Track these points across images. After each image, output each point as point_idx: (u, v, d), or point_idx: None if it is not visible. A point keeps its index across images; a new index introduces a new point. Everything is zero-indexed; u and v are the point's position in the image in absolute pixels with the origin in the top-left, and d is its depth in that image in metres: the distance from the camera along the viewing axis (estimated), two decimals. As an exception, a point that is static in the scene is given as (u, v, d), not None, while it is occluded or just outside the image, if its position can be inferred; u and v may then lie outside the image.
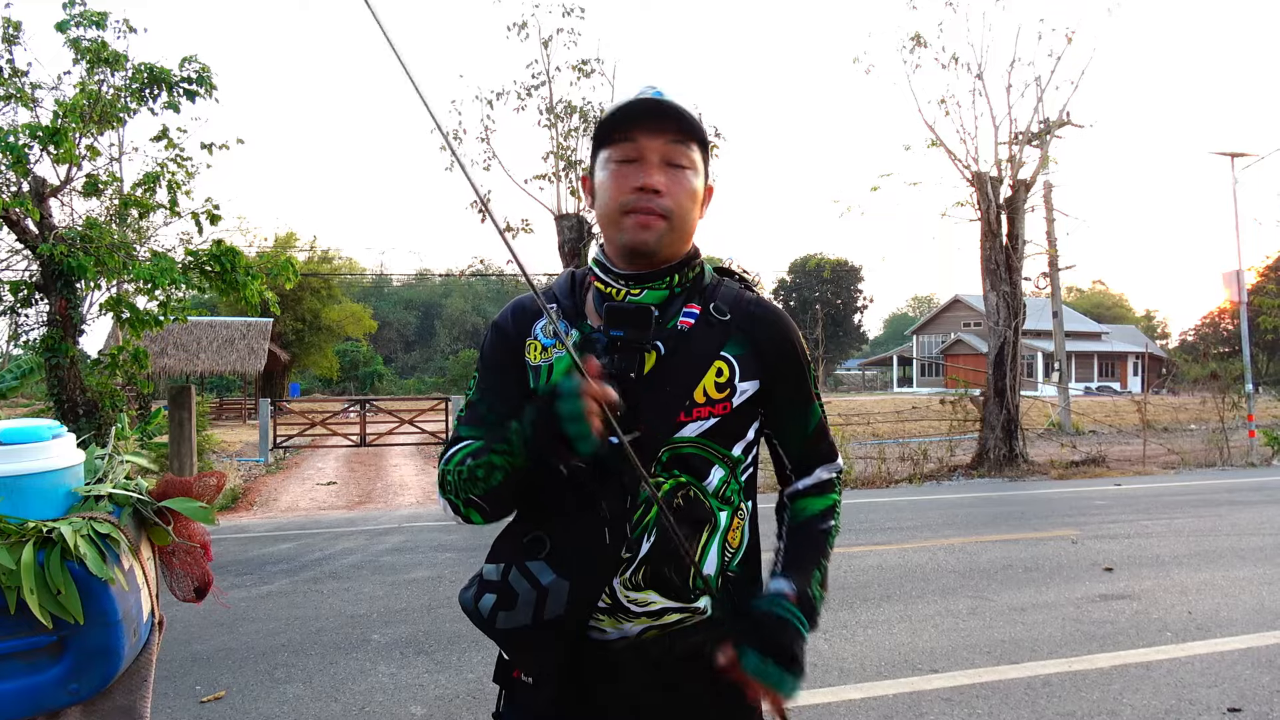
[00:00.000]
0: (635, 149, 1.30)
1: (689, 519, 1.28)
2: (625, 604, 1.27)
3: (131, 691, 1.44)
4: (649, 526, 1.27)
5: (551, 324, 1.28)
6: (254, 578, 6.46)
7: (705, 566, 1.29)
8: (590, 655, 1.29)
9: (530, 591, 1.23)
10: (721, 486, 1.33)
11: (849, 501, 10.24)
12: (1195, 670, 4.12)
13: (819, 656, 4.39)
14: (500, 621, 1.25)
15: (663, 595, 1.28)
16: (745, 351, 1.35)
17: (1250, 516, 8.57)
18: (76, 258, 9.02)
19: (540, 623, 1.22)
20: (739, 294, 1.40)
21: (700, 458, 1.31)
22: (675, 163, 1.32)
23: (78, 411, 9.61)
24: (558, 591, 1.23)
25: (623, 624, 1.28)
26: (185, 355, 27.82)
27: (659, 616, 1.28)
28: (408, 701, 3.89)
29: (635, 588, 1.27)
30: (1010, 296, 13.89)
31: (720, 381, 1.32)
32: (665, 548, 1.26)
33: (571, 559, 1.25)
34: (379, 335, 56.18)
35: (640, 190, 1.29)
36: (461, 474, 1.27)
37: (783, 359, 1.38)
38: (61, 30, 9.78)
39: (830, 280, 65.98)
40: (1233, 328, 43.69)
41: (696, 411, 1.30)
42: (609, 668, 1.29)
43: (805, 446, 1.43)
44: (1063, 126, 16.06)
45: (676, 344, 1.32)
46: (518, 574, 1.25)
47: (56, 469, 1.37)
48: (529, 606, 1.23)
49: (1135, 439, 17.21)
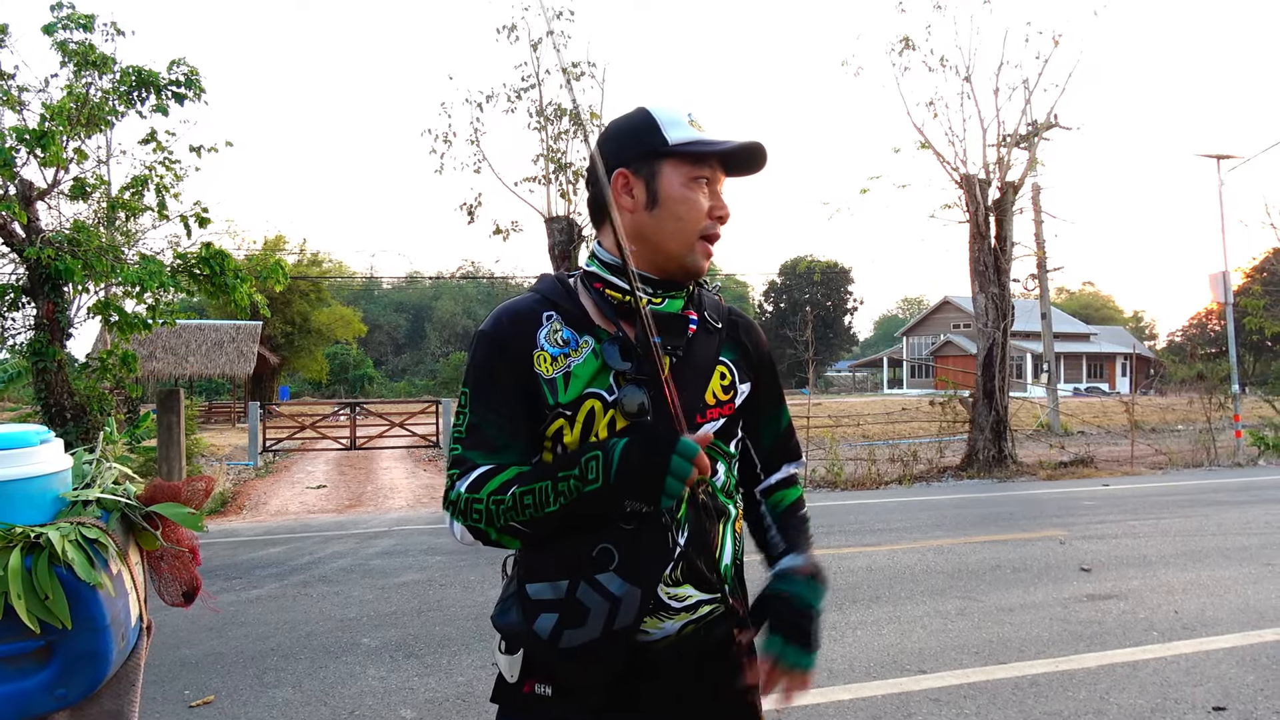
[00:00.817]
0: (710, 172, 1.36)
1: (711, 512, 1.35)
2: (666, 601, 1.30)
3: (119, 696, 1.44)
4: (682, 523, 1.31)
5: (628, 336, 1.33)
6: (243, 582, 6.44)
7: (725, 557, 1.37)
8: (632, 658, 1.29)
9: (603, 604, 1.23)
10: (727, 482, 1.41)
11: (839, 503, 10.27)
12: (1181, 669, 4.16)
13: (808, 658, 4.40)
14: (566, 640, 1.24)
15: (697, 588, 1.32)
16: (737, 356, 1.45)
17: (1236, 516, 8.63)
18: (64, 261, 8.97)
19: (610, 634, 1.23)
20: (716, 302, 1.49)
21: (711, 457, 1.36)
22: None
23: (65, 416, 9.56)
24: (630, 601, 1.24)
25: (664, 622, 1.30)
26: (174, 358, 27.69)
27: (695, 610, 1.32)
28: (398, 705, 3.89)
29: (675, 584, 1.30)
30: (999, 298, 13.96)
31: (724, 384, 1.41)
32: (696, 541, 1.32)
33: (639, 567, 1.26)
34: (369, 338, 56.00)
35: (719, 219, 1.37)
36: (503, 503, 1.23)
37: (763, 361, 1.50)
38: (48, 33, 9.73)
39: (820, 282, 66.14)
40: (1219, 329, 43.96)
41: (709, 413, 1.38)
42: (650, 668, 1.31)
43: (777, 443, 1.53)
44: (1050, 129, 16.11)
45: (687, 349, 1.38)
46: (587, 588, 1.24)
47: (44, 474, 1.37)
48: (601, 619, 1.23)
49: (1123, 440, 17.30)
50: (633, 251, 1.34)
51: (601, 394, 1.30)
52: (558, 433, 1.32)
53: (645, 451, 1.17)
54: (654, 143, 1.33)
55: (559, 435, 1.32)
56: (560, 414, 1.31)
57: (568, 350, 1.33)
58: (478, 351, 1.36)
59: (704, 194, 1.34)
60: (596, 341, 1.33)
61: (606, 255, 1.38)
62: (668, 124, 1.34)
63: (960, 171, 14.17)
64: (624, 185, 1.35)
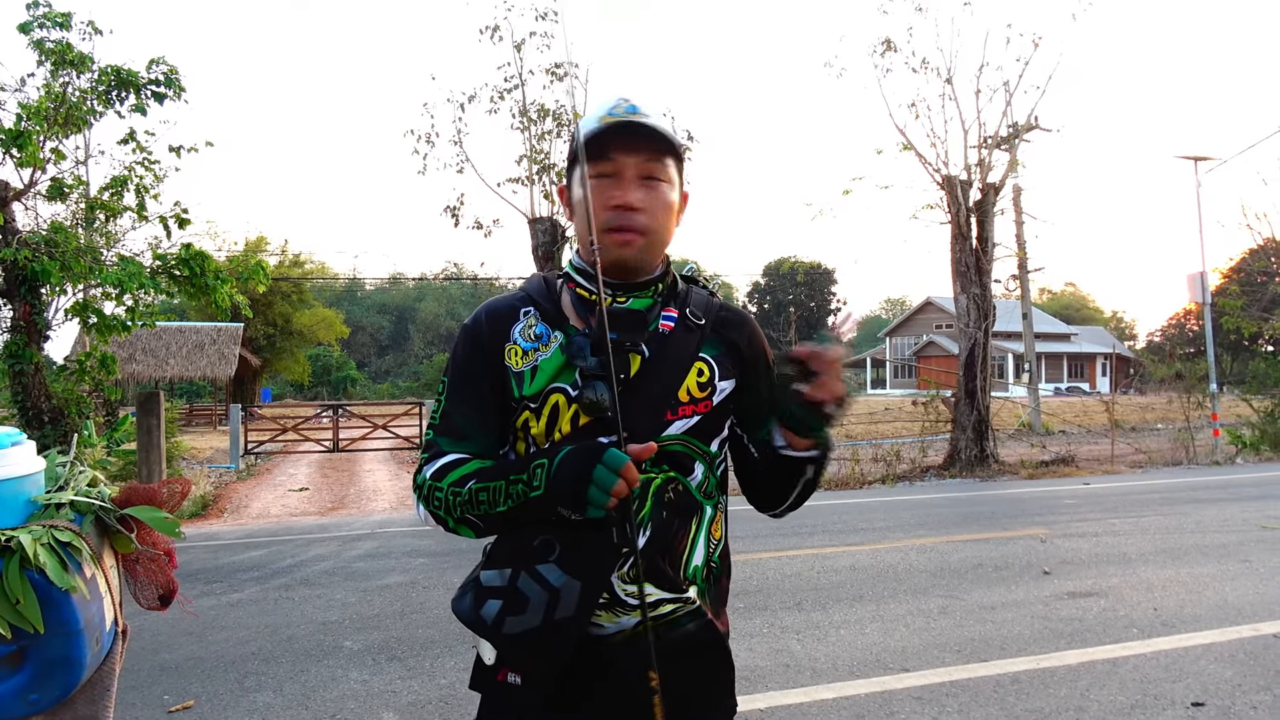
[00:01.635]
0: (612, 165, 1.33)
1: (679, 511, 1.35)
2: (623, 597, 1.30)
3: (94, 701, 1.42)
4: (644, 521, 1.31)
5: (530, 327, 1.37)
6: (224, 585, 6.39)
7: (694, 557, 1.36)
8: (587, 651, 1.30)
9: (542, 594, 1.25)
10: (704, 481, 1.39)
11: (822, 503, 10.30)
12: (1160, 666, 4.19)
13: (792, 657, 4.42)
14: (508, 626, 1.26)
15: (657, 587, 1.32)
16: (721, 352, 1.42)
17: (1214, 514, 8.72)
18: (41, 262, 8.87)
19: (551, 624, 1.24)
20: (707, 300, 1.48)
21: (685, 454, 1.36)
22: (652, 177, 1.36)
23: (43, 418, 9.45)
24: (569, 592, 1.25)
25: (619, 617, 1.31)
26: (154, 361, 27.46)
27: (654, 608, 1.32)
28: (380, 709, 3.87)
29: (632, 581, 1.30)
30: (980, 299, 14.05)
31: (702, 381, 1.39)
32: (659, 540, 1.32)
33: (582, 560, 1.27)
34: (352, 340, 55.78)
35: (619, 209, 1.33)
36: (459, 495, 1.29)
37: (756, 358, 1.47)
38: (24, 32, 9.63)
39: (804, 283, 66.38)
40: (1197, 329, 44.43)
41: (681, 410, 1.36)
42: (604, 663, 1.31)
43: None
44: (1031, 130, 16.23)
45: (659, 347, 1.37)
46: (528, 578, 1.27)
47: (15, 477, 1.35)
48: (540, 609, 1.25)
49: (1104, 439, 17.45)
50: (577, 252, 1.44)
51: (566, 389, 1.33)
52: (525, 424, 1.36)
53: (575, 462, 1.20)
54: (572, 152, 1.40)
55: (526, 427, 1.36)
56: (526, 406, 1.35)
57: (538, 345, 1.37)
58: (458, 345, 1.43)
59: (604, 188, 1.33)
60: (565, 337, 1.36)
61: (577, 259, 1.44)
62: (583, 126, 1.35)
63: (942, 173, 14.25)
64: (564, 199, 1.46)
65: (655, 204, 1.35)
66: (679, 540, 1.34)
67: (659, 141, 1.34)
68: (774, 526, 8.36)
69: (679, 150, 1.39)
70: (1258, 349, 30.82)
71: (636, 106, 1.35)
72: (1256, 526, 7.88)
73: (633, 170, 1.34)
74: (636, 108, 1.35)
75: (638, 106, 1.35)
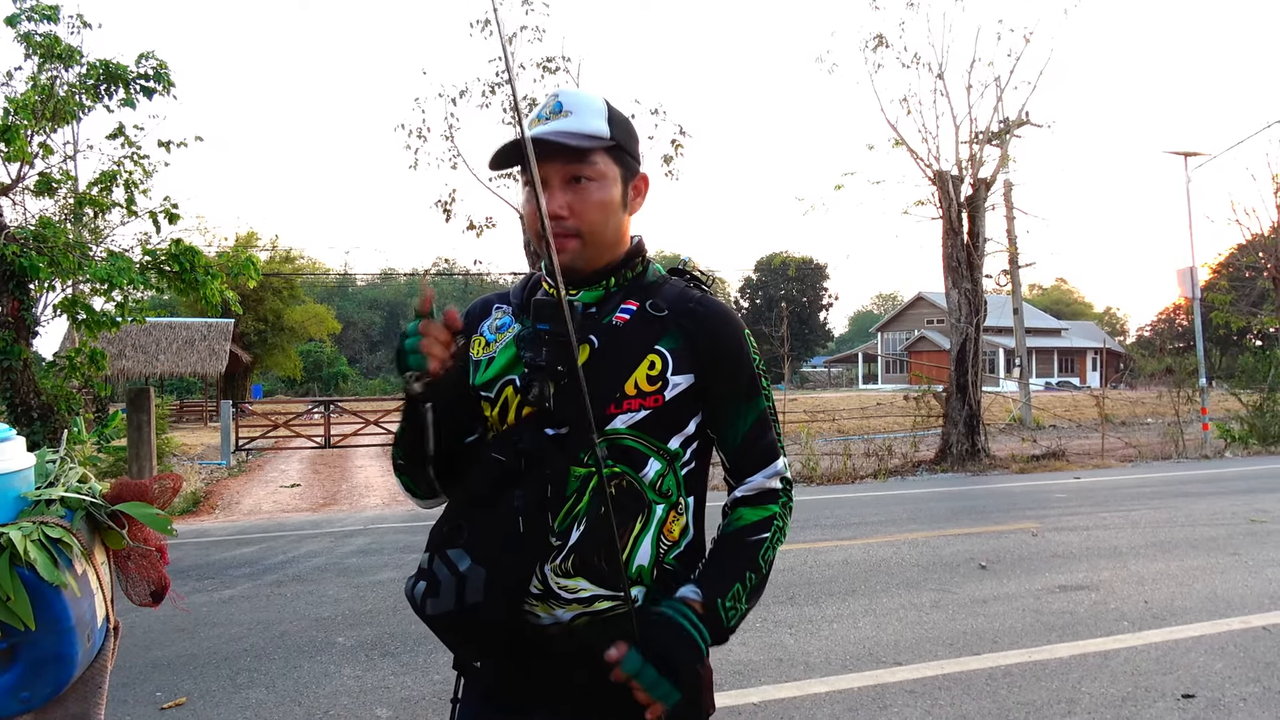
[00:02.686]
0: (549, 172, 1.34)
1: (622, 508, 1.30)
2: (556, 590, 1.30)
3: (85, 698, 1.41)
4: (580, 515, 1.30)
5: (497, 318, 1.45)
6: (216, 582, 6.36)
7: (638, 557, 1.32)
8: (529, 640, 1.32)
9: (450, 578, 1.26)
10: (658, 479, 1.34)
11: (815, 497, 10.33)
12: (1151, 658, 4.22)
13: (785, 651, 4.43)
14: (429, 608, 1.28)
15: (592, 583, 1.30)
16: (680, 345, 1.36)
17: (1204, 507, 8.77)
18: (29, 258, 8.81)
19: (463, 608, 1.24)
20: (682, 291, 1.42)
21: (636, 450, 1.33)
22: (579, 176, 1.35)
23: (32, 415, 9.38)
24: (475, 578, 1.25)
25: (555, 610, 1.31)
26: (144, 357, 27.30)
27: (590, 604, 1.31)
28: (373, 704, 3.86)
29: (565, 575, 1.30)
30: (971, 294, 14.09)
31: (652, 374, 1.34)
32: (595, 536, 1.29)
33: (487, 546, 1.27)
34: (343, 335, 55.62)
35: (554, 217, 1.33)
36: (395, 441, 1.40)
37: (722, 355, 1.38)
38: (11, 24, 9.55)
39: (796, 278, 66.47)
40: (1187, 323, 44.62)
41: (627, 404, 1.32)
42: (544, 652, 1.32)
43: (742, 445, 1.40)
44: (1022, 126, 16.30)
45: (609, 338, 1.35)
46: (439, 561, 1.28)
47: (4, 473, 1.34)
48: (451, 593, 1.25)
49: (1094, 433, 17.53)
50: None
51: (515, 380, 1.36)
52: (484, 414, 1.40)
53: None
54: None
55: (485, 417, 1.40)
56: (481, 395, 1.40)
57: (496, 336, 1.43)
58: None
59: (531, 196, 1.32)
60: (520, 329, 1.40)
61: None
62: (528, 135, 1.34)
63: (933, 168, 14.29)
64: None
65: (584, 205, 1.35)
66: (619, 537, 1.28)
67: (572, 154, 1.33)
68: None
69: (613, 140, 1.36)
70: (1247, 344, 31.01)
71: (562, 104, 1.35)
72: (1245, 520, 7.93)
73: (558, 176, 1.34)
74: (561, 105, 1.35)
75: (563, 103, 1.35)
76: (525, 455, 1.30)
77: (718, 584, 1.31)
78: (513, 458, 1.30)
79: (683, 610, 1.26)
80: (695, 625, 1.25)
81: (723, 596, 1.30)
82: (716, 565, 1.35)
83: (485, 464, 1.32)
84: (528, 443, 1.30)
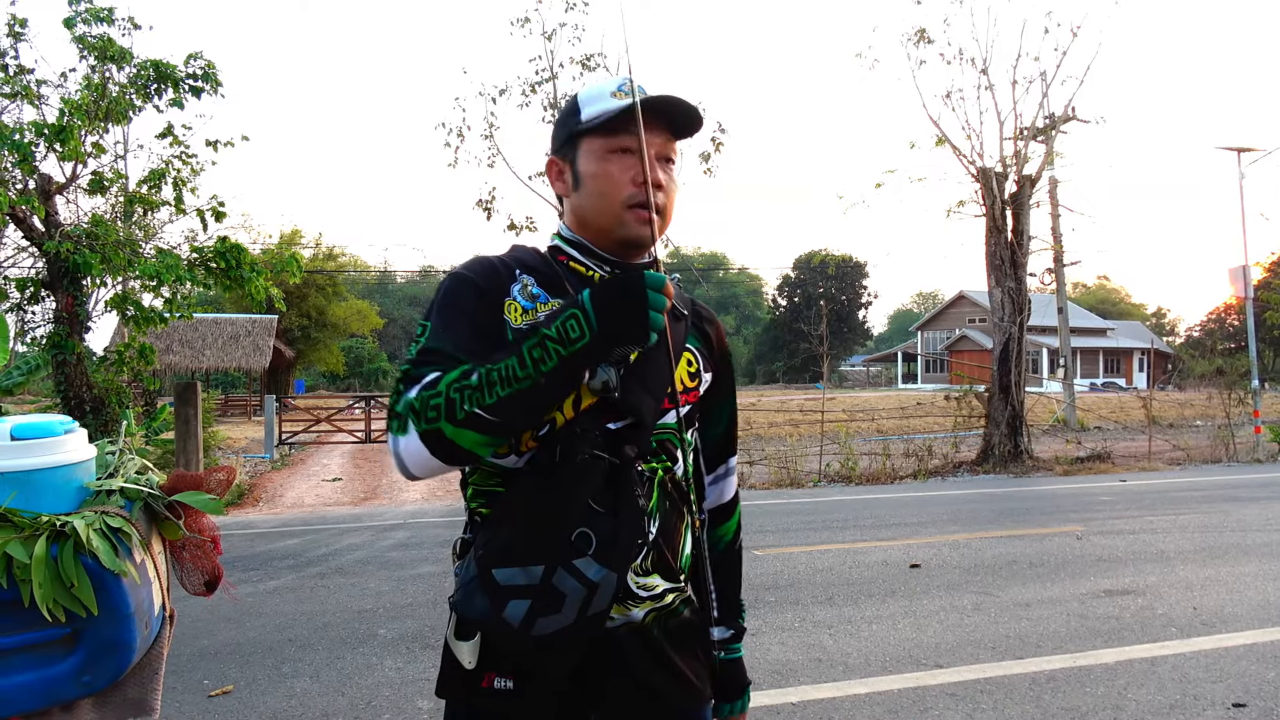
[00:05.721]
0: (635, 142, 1.27)
1: (675, 501, 1.36)
2: (634, 590, 1.30)
3: (143, 684, 1.45)
4: (654, 513, 1.31)
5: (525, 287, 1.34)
6: (261, 573, 6.48)
7: (685, 545, 1.38)
8: (594, 644, 1.28)
9: (580, 590, 1.18)
10: (686, 471, 1.38)
11: (853, 498, 10.25)
12: (1200, 665, 4.12)
13: (824, 652, 4.40)
14: (539, 628, 1.18)
15: (663, 578, 1.33)
16: (701, 345, 1.45)
17: (1256, 512, 8.55)
18: (82, 255, 9.03)
19: (584, 619, 1.19)
20: (680, 294, 1.46)
21: (671, 444, 1.35)
22: (669, 159, 1.35)
23: (84, 408, 9.62)
24: (606, 586, 1.20)
25: (630, 610, 1.30)
26: (191, 352, 27.90)
27: (660, 599, 1.33)
28: (414, 696, 3.91)
29: (644, 573, 1.31)
30: (1015, 292, 13.86)
31: (691, 371, 1.40)
32: (665, 530, 1.33)
33: (618, 551, 1.22)
34: (384, 331, 56.19)
35: (643, 185, 1.28)
36: (468, 387, 1.14)
37: (725, 357, 1.51)
38: (69, 26, 9.78)
39: (835, 276, 65.87)
40: (1239, 323, 43.54)
41: (679, 399, 1.35)
42: (611, 655, 1.30)
43: (725, 436, 1.53)
44: (1068, 122, 16.02)
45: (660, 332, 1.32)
46: (564, 573, 1.18)
47: (69, 464, 1.38)
48: (576, 605, 1.18)
49: (1140, 435, 17.15)
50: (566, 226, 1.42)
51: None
52: None
53: (622, 295, 1.14)
54: (572, 125, 1.35)
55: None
56: None
57: (536, 306, 1.31)
58: (452, 288, 1.32)
59: (624, 164, 1.30)
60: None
61: (568, 232, 1.40)
62: (587, 102, 1.34)
63: (977, 165, 14.07)
64: (556, 172, 1.41)
65: (672, 185, 1.36)
66: (677, 530, 1.36)
67: (682, 124, 1.33)
68: (804, 521, 8.33)
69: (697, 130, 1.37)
70: (1301, 345, 30.08)
71: (643, 86, 1.33)
72: (1300, 526, 7.72)
73: (655, 149, 1.32)
74: (644, 87, 1.33)
75: (644, 86, 1.33)
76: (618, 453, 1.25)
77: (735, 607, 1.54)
78: (613, 455, 1.24)
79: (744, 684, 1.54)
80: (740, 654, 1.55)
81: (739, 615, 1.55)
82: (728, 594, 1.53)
83: (581, 465, 1.22)
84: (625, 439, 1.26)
